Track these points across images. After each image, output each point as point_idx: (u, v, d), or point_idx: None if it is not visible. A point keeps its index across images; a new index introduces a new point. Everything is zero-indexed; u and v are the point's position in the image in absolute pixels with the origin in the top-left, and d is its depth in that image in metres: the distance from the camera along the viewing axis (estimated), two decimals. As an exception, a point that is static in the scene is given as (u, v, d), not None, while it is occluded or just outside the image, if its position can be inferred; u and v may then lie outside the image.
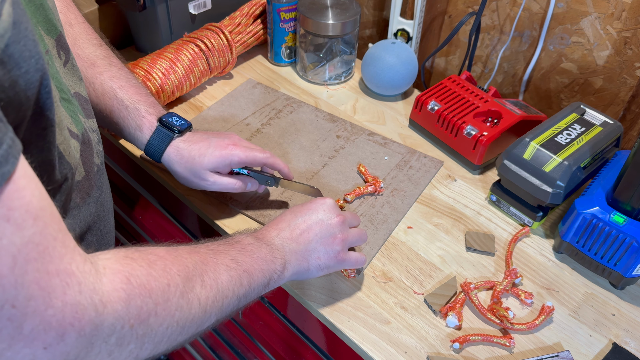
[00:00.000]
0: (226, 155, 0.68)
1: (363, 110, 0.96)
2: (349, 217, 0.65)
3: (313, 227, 0.61)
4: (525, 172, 0.73)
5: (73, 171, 0.49)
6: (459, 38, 1.04)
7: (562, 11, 0.88)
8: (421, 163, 0.86)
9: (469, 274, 0.71)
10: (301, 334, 0.79)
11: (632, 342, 0.65)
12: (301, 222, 0.61)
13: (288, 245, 0.59)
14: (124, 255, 0.42)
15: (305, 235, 0.60)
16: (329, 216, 0.62)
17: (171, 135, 0.68)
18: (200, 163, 0.67)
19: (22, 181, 0.31)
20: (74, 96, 0.53)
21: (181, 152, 0.68)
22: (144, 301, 0.40)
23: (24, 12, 0.35)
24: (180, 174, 0.69)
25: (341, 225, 0.62)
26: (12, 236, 0.31)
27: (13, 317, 0.31)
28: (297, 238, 0.60)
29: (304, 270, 0.60)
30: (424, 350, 0.63)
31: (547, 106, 0.98)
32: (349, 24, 0.95)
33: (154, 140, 0.68)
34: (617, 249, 0.66)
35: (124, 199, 1.07)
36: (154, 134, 0.68)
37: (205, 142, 0.68)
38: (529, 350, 0.64)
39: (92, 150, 0.55)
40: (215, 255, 0.51)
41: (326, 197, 0.64)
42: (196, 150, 0.68)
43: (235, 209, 0.77)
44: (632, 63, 0.84)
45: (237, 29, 0.99)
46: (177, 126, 0.69)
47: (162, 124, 0.69)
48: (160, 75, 0.87)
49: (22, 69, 0.34)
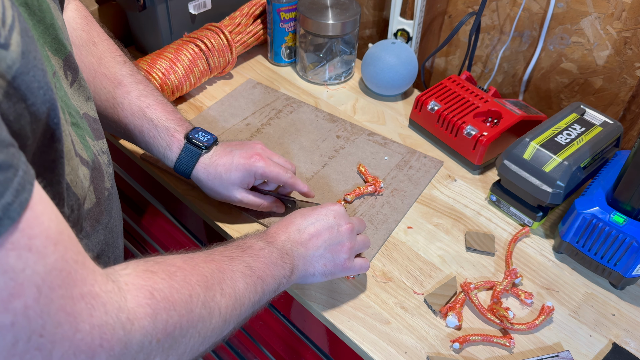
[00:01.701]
0: (249, 166, 0.68)
1: (363, 110, 0.96)
2: (357, 223, 0.65)
3: (322, 233, 0.60)
4: (525, 172, 0.73)
5: (80, 202, 0.48)
6: (459, 38, 1.04)
7: (562, 11, 0.88)
8: (421, 163, 0.86)
9: (469, 274, 0.71)
10: (301, 334, 0.79)
11: (632, 342, 0.65)
12: (311, 227, 0.60)
13: (297, 250, 0.59)
14: (144, 268, 0.41)
15: (314, 241, 0.60)
16: (338, 223, 0.61)
17: (199, 152, 0.69)
18: (227, 179, 0.69)
19: (39, 207, 0.31)
20: (83, 117, 0.53)
21: (208, 169, 0.69)
22: (169, 314, 0.40)
23: (32, 39, 0.34)
24: (210, 190, 0.71)
25: (350, 233, 0.62)
26: (35, 265, 0.30)
27: (42, 347, 0.31)
28: (306, 243, 0.60)
29: (310, 275, 0.61)
30: (424, 350, 0.63)
31: (547, 106, 0.98)
32: (349, 24, 0.95)
33: (182, 158, 0.69)
34: (617, 249, 0.66)
35: (124, 200, 1.07)
36: (182, 152, 0.69)
37: (229, 156, 0.69)
38: (529, 350, 0.64)
39: (103, 175, 0.54)
40: (231, 263, 0.51)
41: (336, 203, 0.64)
42: (221, 166, 0.69)
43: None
44: (632, 63, 0.84)
45: (237, 29, 0.99)
46: (203, 142, 0.69)
47: (189, 141, 0.69)
48: (160, 75, 0.87)
49: (29, 101, 0.33)
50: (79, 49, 0.67)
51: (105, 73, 0.69)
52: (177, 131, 0.70)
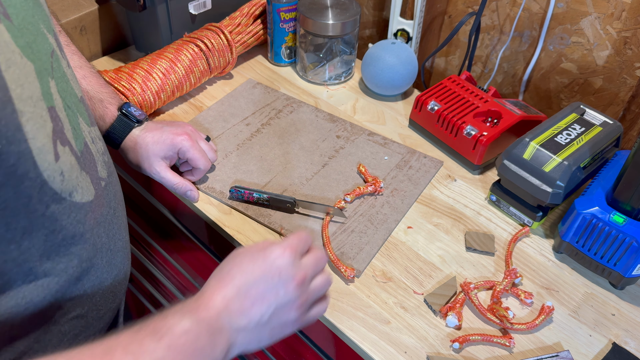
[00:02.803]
0: (176, 143, 0.73)
1: (363, 110, 0.97)
2: (311, 267, 0.52)
3: (267, 297, 0.49)
4: (525, 172, 0.74)
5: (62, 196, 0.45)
6: (459, 38, 1.04)
7: (562, 11, 0.88)
8: (421, 163, 0.86)
9: (469, 274, 0.71)
10: (301, 334, 0.79)
11: (632, 342, 0.65)
12: (253, 289, 0.49)
13: (236, 323, 0.48)
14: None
15: (257, 308, 0.49)
16: (285, 279, 0.50)
17: (131, 125, 0.73)
18: (152, 150, 0.73)
19: None
20: (80, 100, 0.51)
21: (137, 140, 0.73)
22: None
23: None
24: (133, 161, 0.75)
25: (301, 286, 0.51)
26: None
27: None
28: (248, 312, 0.48)
29: (254, 347, 0.50)
30: (423, 350, 0.63)
31: (547, 106, 0.99)
32: (349, 24, 0.95)
33: (114, 128, 0.73)
34: (617, 249, 0.66)
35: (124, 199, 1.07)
36: (115, 122, 0.73)
37: (159, 131, 0.74)
38: (528, 350, 0.64)
39: (95, 164, 0.52)
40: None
41: (286, 246, 0.51)
42: (150, 138, 0.73)
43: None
44: (632, 63, 0.84)
45: (237, 29, 0.99)
46: (136, 116, 0.74)
47: (122, 114, 0.74)
48: (160, 75, 0.87)
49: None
50: None
51: None
52: (111, 103, 0.74)
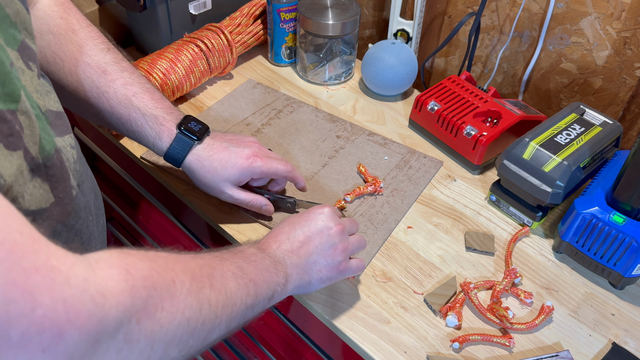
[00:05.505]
0: (248, 167, 0.68)
1: (363, 110, 0.97)
2: (348, 224, 0.63)
3: (313, 239, 0.58)
4: (524, 172, 0.74)
5: None
6: (459, 38, 1.04)
7: (562, 11, 0.88)
8: (421, 163, 0.86)
9: (469, 274, 0.71)
10: (301, 334, 0.79)
11: (631, 342, 0.65)
12: (300, 233, 0.59)
13: (289, 259, 0.57)
14: (119, 251, 0.38)
15: (305, 247, 0.58)
16: (328, 225, 0.59)
17: (191, 143, 0.68)
18: (222, 175, 0.68)
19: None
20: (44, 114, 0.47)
21: (202, 162, 0.68)
22: (149, 294, 0.37)
23: None
24: (201, 183, 0.70)
25: (341, 234, 0.60)
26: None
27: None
28: (298, 251, 0.58)
29: (306, 284, 0.59)
30: (423, 350, 0.63)
31: (546, 106, 0.99)
32: (349, 24, 0.95)
33: (174, 147, 0.68)
34: (617, 249, 0.66)
35: (124, 200, 1.07)
36: (174, 141, 0.68)
37: (226, 152, 0.69)
38: (528, 350, 0.64)
39: (67, 173, 0.49)
40: (221, 262, 0.49)
41: (324, 205, 0.62)
42: (217, 162, 0.68)
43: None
44: (631, 63, 0.85)
45: (237, 29, 0.99)
46: (196, 132, 0.68)
47: (181, 131, 0.68)
48: (160, 75, 0.87)
49: None
50: (58, 37, 0.64)
51: (87, 62, 0.66)
52: (167, 120, 0.68)
